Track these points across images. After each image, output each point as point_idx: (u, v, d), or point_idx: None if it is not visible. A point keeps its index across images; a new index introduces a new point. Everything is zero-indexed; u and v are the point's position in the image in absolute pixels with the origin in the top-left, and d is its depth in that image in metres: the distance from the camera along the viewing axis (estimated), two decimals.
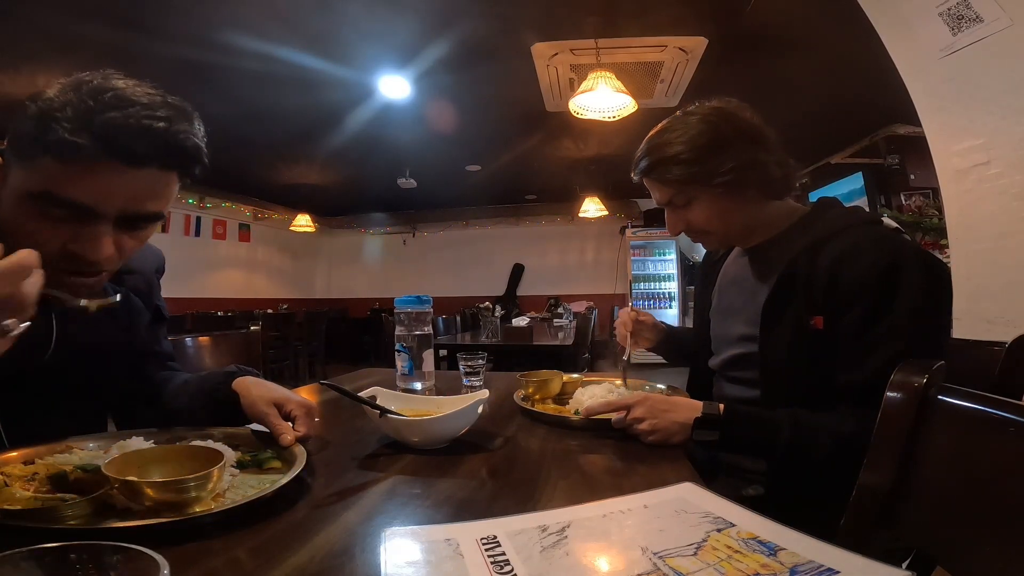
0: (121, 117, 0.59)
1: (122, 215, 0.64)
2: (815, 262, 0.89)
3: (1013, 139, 1.83)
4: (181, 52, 3.26)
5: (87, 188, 0.60)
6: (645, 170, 1.01)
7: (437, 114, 4.48)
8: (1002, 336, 0.92)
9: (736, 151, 0.93)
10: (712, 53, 3.33)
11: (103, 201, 0.62)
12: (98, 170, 0.60)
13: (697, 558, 0.43)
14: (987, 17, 1.78)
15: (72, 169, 0.59)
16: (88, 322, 0.74)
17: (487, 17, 3.04)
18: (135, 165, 0.61)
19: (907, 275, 0.82)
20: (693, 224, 1.02)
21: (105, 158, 0.59)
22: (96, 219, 0.63)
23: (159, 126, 0.61)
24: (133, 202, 0.64)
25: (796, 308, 0.90)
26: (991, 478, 0.55)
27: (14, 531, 0.46)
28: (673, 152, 0.96)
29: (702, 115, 0.97)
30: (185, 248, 7.05)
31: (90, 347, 0.80)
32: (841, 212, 0.99)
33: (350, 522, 0.55)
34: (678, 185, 0.99)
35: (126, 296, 0.84)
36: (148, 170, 0.63)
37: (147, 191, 0.65)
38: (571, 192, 7.09)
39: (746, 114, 0.98)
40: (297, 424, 0.75)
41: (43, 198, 0.60)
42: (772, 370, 0.93)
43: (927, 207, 4.57)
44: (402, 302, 1.17)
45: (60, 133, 0.57)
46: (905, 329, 0.81)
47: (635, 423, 0.85)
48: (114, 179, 0.61)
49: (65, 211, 0.61)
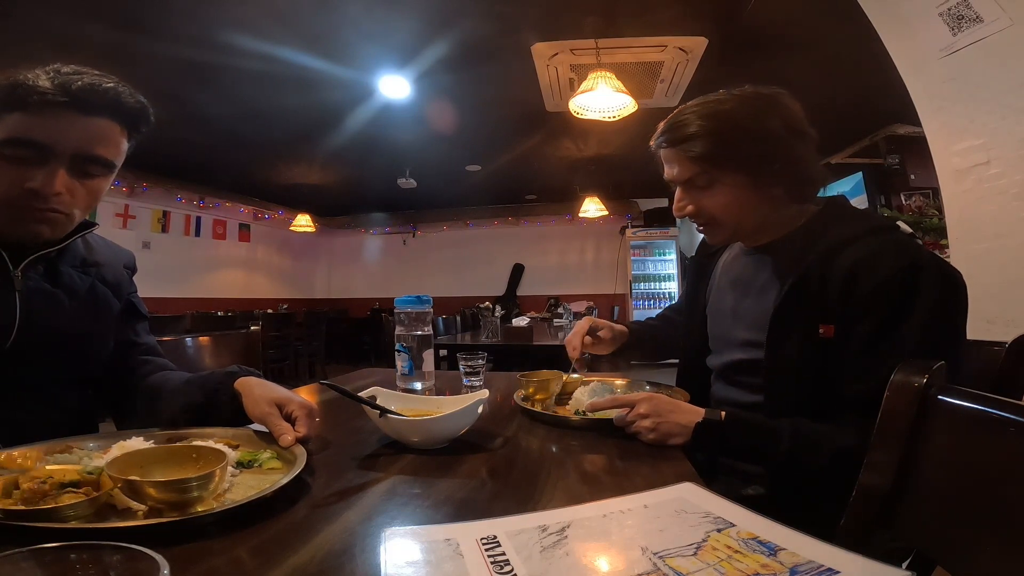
0: (78, 77, 0.74)
1: (75, 155, 0.76)
2: (830, 269, 0.86)
3: (1013, 139, 1.83)
4: (181, 52, 3.26)
5: (46, 130, 0.73)
6: (673, 139, 0.94)
7: (437, 114, 4.49)
8: (1002, 336, 0.91)
9: (779, 144, 0.88)
10: (712, 53, 3.33)
11: (59, 142, 0.74)
12: (57, 116, 0.73)
13: (697, 558, 0.43)
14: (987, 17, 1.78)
15: (36, 116, 0.72)
16: (52, 306, 0.82)
17: (487, 17, 3.04)
18: (87, 113, 0.75)
19: (925, 286, 0.79)
20: (705, 210, 0.96)
21: (63, 106, 0.73)
22: (52, 157, 0.74)
23: (109, 86, 0.77)
24: (85, 145, 0.76)
25: (806, 316, 0.87)
26: (991, 478, 0.55)
27: (14, 531, 0.46)
28: (713, 126, 0.89)
29: (756, 98, 0.91)
30: (185, 248, 7.05)
31: (56, 332, 0.84)
32: (854, 216, 0.94)
33: (350, 522, 0.55)
34: (704, 163, 0.92)
35: (91, 285, 0.91)
36: (99, 119, 0.77)
37: (97, 137, 0.77)
38: (571, 192, 7.10)
39: (797, 108, 0.92)
40: (298, 425, 0.76)
41: (9, 143, 0.73)
42: (778, 378, 0.91)
43: (927, 207, 4.57)
44: (402, 302, 1.17)
45: (30, 89, 0.71)
46: (919, 341, 0.78)
47: (638, 419, 0.85)
48: (70, 124, 0.74)
49: (26, 150, 0.73)
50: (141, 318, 1.03)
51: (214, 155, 5.72)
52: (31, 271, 0.83)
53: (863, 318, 0.82)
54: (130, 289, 1.01)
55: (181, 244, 7.00)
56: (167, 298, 6.31)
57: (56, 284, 0.85)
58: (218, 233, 7.64)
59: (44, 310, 0.82)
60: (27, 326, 0.79)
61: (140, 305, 1.03)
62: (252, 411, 0.79)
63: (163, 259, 6.51)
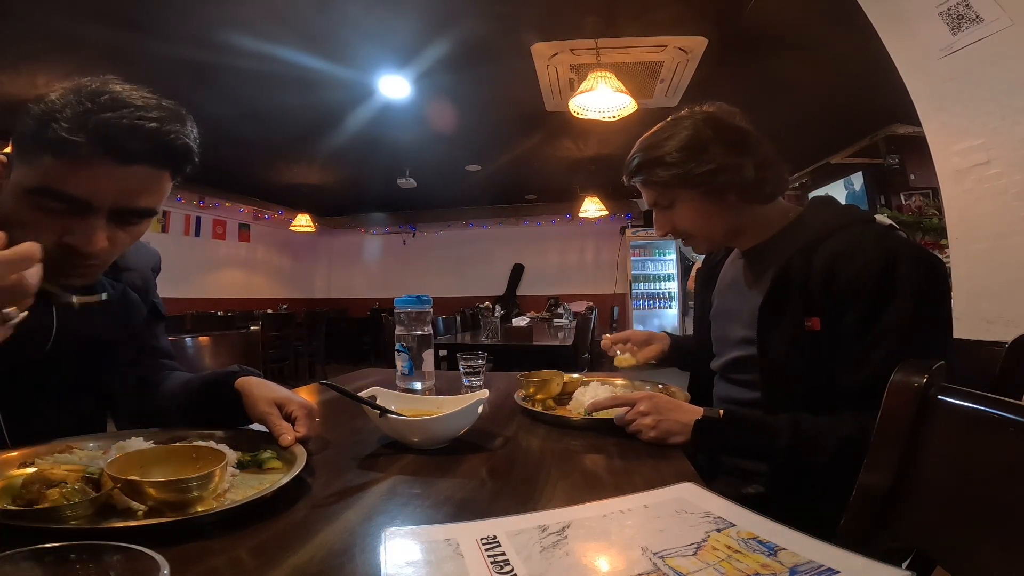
0: (115, 117, 0.63)
1: (115, 209, 0.68)
2: (810, 263, 0.89)
3: (1013, 139, 1.83)
4: (181, 52, 3.26)
5: (82, 183, 0.64)
6: (634, 171, 1.04)
7: (437, 114, 4.48)
8: (1002, 336, 0.92)
9: (714, 155, 0.94)
10: (712, 53, 3.32)
11: (96, 195, 0.65)
12: (92, 166, 0.64)
13: (697, 558, 0.43)
14: (987, 17, 1.78)
15: (68, 166, 0.63)
16: (87, 316, 0.76)
17: (487, 17, 3.04)
18: (126, 162, 0.65)
19: (903, 272, 0.82)
20: (677, 226, 1.04)
21: (99, 156, 0.63)
22: (90, 212, 0.66)
23: (150, 126, 0.65)
24: (125, 197, 0.68)
25: (793, 310, 0.89)
26: (991, 478, 0.55)
27: (14, 531, 0.46)
28: (658, 154, 0.98)
29: (690, 119, 0.98)
30: (185, 248, 7.05)
31: (89, 340, 0.82)
32: (834, 212, 0.98)
33: (350, 522, 0.55)
34: (661, 187, 1.01)
35: (123, 292, 0.87)
36: (139, 167, 0.67)
37: (139, 187, 0.68)
38: (571, 192, 7.09)
39: (733, 119, 0.98)
40: (298, 425, 0.75)
41: (41, 192, 0.64)
42: (772, 372, 0.93)
43: (927, 207, 4.57)
44: (402, 302, 1.17)
45: (58, 132, 0.62)
46: (904, 328, 0.80)
47: (639, 417, 0.86)
48: (107, 175, 0.65)
49: (61, 204, 0.65)
50: (161, 319, 1.03)
51: (214, 155, 5.70)
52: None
53: (847, 310, 0.84)
54: (155, 291, 1.01)
55: (181, 244, 6.99)
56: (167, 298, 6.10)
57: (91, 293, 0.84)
58: (218, 233, 7.64)
59: (79, 318, 0.79)
60: (63, 334, 0.78)
61: (161, 307, 1.03)
62: (252, 411, 0.79)
63: (163, 259, 6.48)
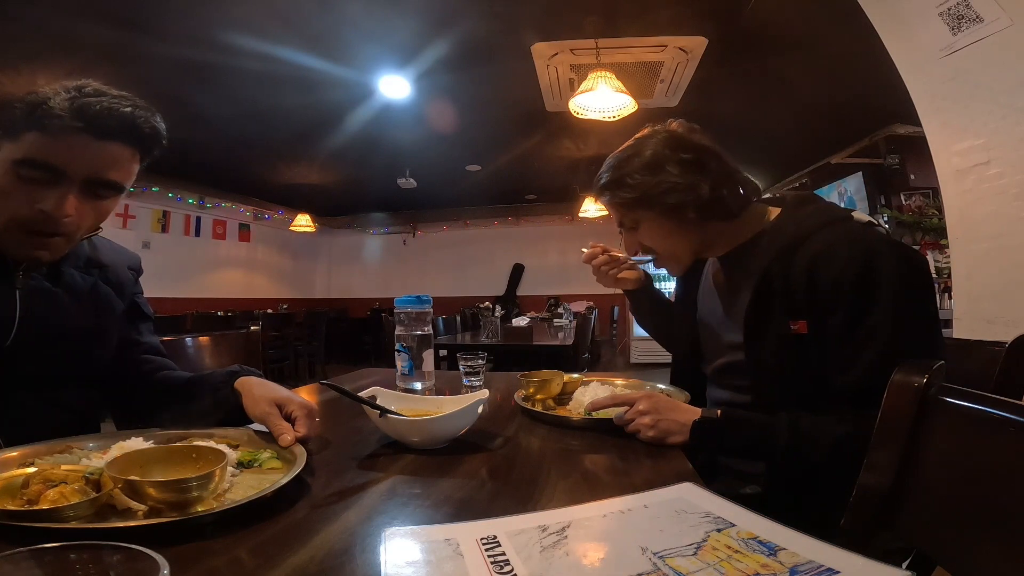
0: (96, 101, 0.74)
1: (87, 180, 0.76)
2: (790, 267, 0.88)
3: (1013, 139, 1.83)
4: (181, 52, 3.26)
5: (60, 153, 0.73)
6: (599, 192, 1.05)
7: (437, 114, 4.48)
8: (1002, 336, 0.92)
9: (670, 174, 0.94)
10: (712, 53, 3.32)
11: (71, 164, 0.74)
12: (72, 140, 0.73)
13: (697, 558, 0.43)
14: (987, 17, 1.78)
15: (51, 139, 0.72)
16: (52, 304, 0.83)
17: (487, 17, 3.04)
18: (102, 138, 0.75)
19: (884, 269, 0.81)
20: (644, 246, 1.04)
21: (79, 130, 0.73)
22: (64, 180, 0.74)
23: (125, 110, 0.76)
24: (97, 169, 0.76)
25: (776, 314, 0.89)
26: (991, 478, 0.55)
27: (14, 531, 0.46)
28: (619, 175, 0.98)
29: (653, 138, 0.98)
30: (185, 248, 7.05)
31: (57, 330, 0.84)
32: (811, 211, 0.95)
33: (350, 522, 0.55)
34: (623, 208, 1.02)
35: (93, 284, 0.92)
36: (113, 144, 0.76)
37: (110, 162, 0.77)
38: (571, 192, 7.09)
39: (693, 136, 0.98)
40: (298, 425, 0.76)
41: (24, 163, 0.73)
42: (761, 376, 0.93)
43: (927, 207, 4.57)
44: (402, 302, 1.17)
45: (46, 110, 0.71)
46: (891, 324, 0.80)
47: (638, 416, 0.86)
48: (84, 147, 0.74)
49: (40, 172, 0.73)
50: (145, 318, 1.04)
51: (214, 155, 5.71)
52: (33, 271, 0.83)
53: (832, 312, 0.84)
54: (135, 290, 1.02)
55: (181, 244, 7.00)
56: (167, 298, 6.31)
57: (57, 283, 0.86)
58: (218, 233, 7.64)
59: (44, 308, 0.83)
60: (27, 323, 0.80)
61: (144, 306, 1.04)
62: (252, 411, 0.80)
63: (163, 259, 6.51)
